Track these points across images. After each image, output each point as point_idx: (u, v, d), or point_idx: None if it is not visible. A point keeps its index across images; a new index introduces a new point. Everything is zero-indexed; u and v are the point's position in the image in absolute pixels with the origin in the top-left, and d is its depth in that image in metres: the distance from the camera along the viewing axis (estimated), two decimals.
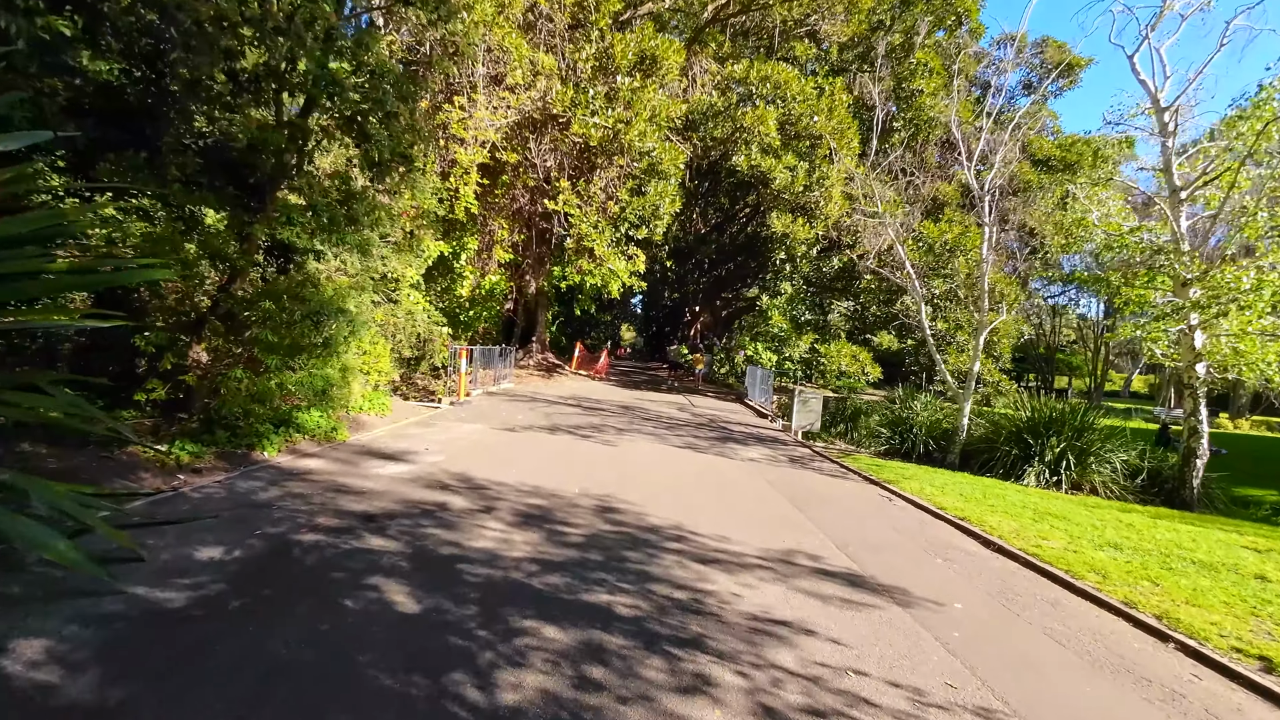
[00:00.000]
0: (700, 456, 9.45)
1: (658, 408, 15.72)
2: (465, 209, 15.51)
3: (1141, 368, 48.47)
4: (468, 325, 17.06)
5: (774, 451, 10.73)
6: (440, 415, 11.57)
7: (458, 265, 16.12)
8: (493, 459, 7.78)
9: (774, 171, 16.71)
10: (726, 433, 12.52)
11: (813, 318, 20.91)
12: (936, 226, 17.64)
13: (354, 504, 5.25)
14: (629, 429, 11.65)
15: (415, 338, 14.44)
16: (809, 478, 8.54)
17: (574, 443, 9.60)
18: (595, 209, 15.24)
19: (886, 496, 7.61)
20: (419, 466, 6.99)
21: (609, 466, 7.97)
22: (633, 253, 16.55)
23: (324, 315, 6.80)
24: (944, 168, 23.24)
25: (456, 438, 9.20)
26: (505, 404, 13.86)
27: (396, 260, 13.26)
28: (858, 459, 10.43)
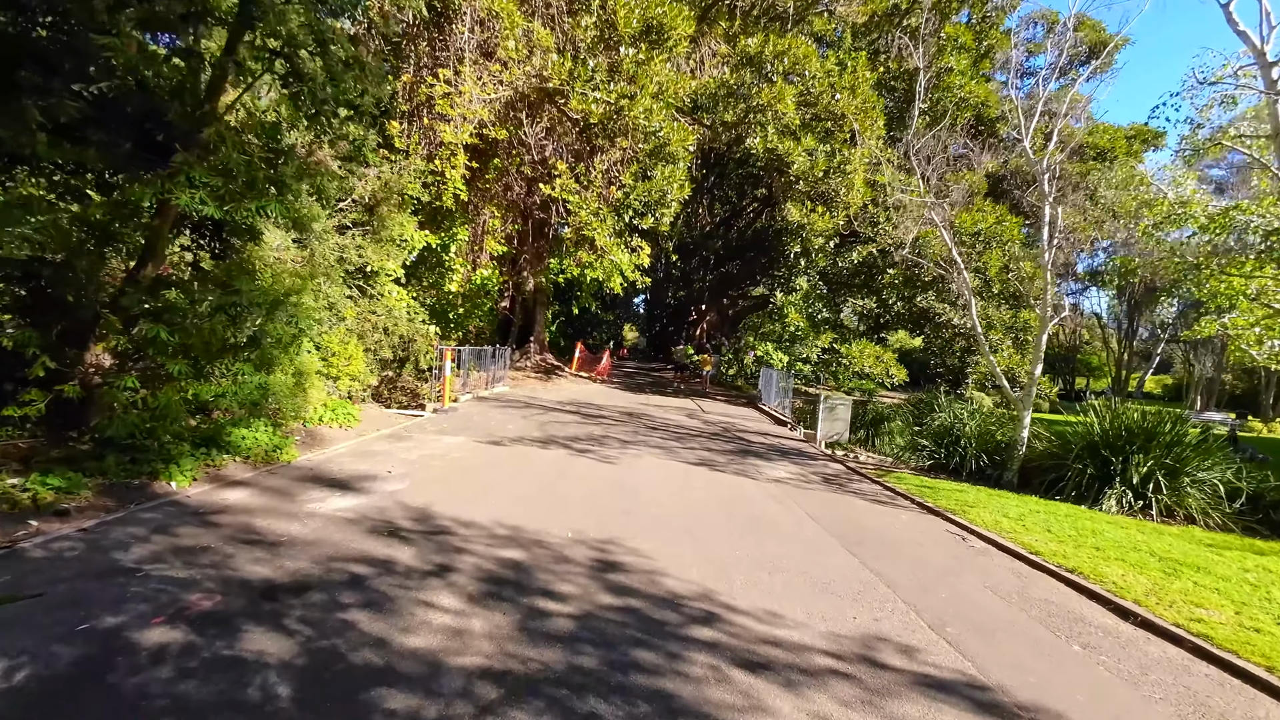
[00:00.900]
0: (719, 477, 7.97)
1: (664, 414, 14.26)
2: (453, 195, 14.07)
3: (1154, 368, 46.77)
4: (458, 324, 15.62)
5: (802, 468, 9.25)
6: (419, 425, 10.12)
7: (446, 258, 14.68)
8: (468, 485, 6.32)
9: (792, 155, 15.22)
10: (744, 444, 11.05)
11: (829, 315, 19.39)
12: (969, 215, 16.12)
13: (259, 565, 3.80)
14: (633, 441, 10.19)
15: (398, 338, 13.02)
16: (855, 506, 7.05)
17: (569, 460, 8.14)
18: (596, 195, 13.78)
19: (958, 534, 6.12)
20: (371, 498, 5.53)
21: (611, 493, 6.50)
22: (637, 244, 15.07)
23: (245, 308, 5.34)
24: (972, 154, 21.70)
25: (431, 455, 7.74)
26: (496, 411, 12.40)
27: (373, 250, 11.83)
28: (902, 478, 8.95)
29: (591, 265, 14.31)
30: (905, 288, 18.17)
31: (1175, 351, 45.88)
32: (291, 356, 7.81)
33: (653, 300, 47.09)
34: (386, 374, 13.39)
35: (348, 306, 10.78)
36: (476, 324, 21.80)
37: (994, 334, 16.96)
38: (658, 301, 45.65)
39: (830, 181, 16.09)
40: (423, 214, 14.95)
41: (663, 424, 12.60)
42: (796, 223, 16.37)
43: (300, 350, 8.09)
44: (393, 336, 12.63)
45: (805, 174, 15.85)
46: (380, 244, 12.45)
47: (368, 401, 11.97)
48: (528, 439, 9.58)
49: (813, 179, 16.00)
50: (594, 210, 13.63)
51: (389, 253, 12.11)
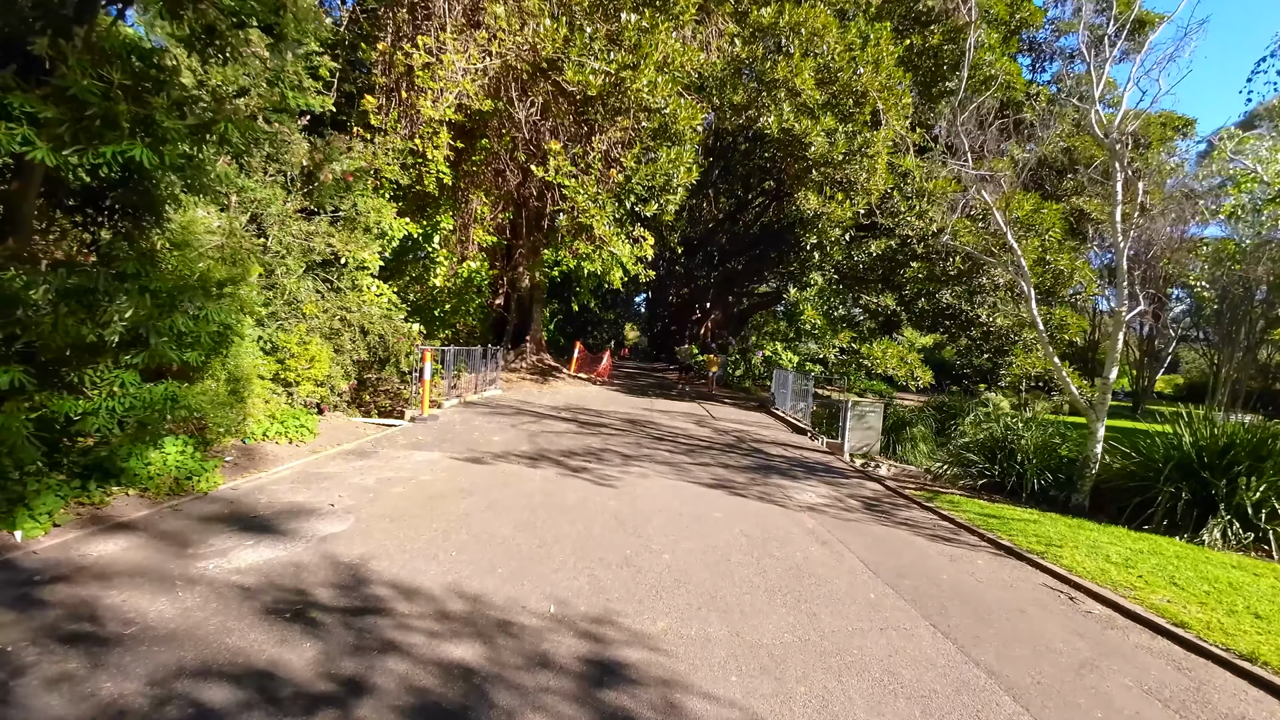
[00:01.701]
0: (741, 504, 6.60)
1: (670, 421, 12.89)
2: (436, 179, 12.71)
3: (1165, 367, 45.27)
4: (443, 321, 14.27)
5: (835, 489, 7.87)
6: (390, 438, 8.77)
7: (429, 249, 13.33)
8: (428, 523, 4.96)
9: (810, 135, 13.83)
10: (763, 458, 9.67)
11: (845, 312, 18.01)
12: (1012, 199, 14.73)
13: (53, 693, 2.44)
14: (637, 455, 8.83)
15: (376, 337, 11.68)
16: (914, 546, 5.67)
17: (561, 483, 6.77)
18: (594, 179, 12.41)
19: (1061, 591, 4.74)
20: (293, 548, 4.18)
21: (609, 532, 5.14)
22: (639, 234, 13.70)
23: (104, 295, 3.96)
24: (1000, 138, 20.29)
25: (393, 478, 6.38)
26: (482, 418, 11.04)
27: (341, 238, 10.48)
28: (955, 502, 7.57)
29: (589, 257, 12.95)
30: (929, 283, 16.77)
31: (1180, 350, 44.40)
32: (224, 360, 6.45)
33: (654, 298, 45.75)
34: (369, 377, 12.09)
35: (309, 302, 9.42)
36: (468, 322, 20.54)
37: (1029, 332, 15.57)
38: (660, 299, 44.30)
39: (850, 166, 14.69)
40: (404, 201, 13.61)
41: (669, 433, 11.23)
42: (813, 211, 14.98)
43: (238, 352, 6.73)
44: (370, 336, 11.31)
45: (824, 157, 14.46)
46: (354, 232, 11.11)
47: (340, 409, 10.64)
48: (514, 454, 8.22)
49: (832, 163, 14.61)
50: (592, 195, 12.27)
51: (362, 241, 10.75)
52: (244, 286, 6.82)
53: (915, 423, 17.24)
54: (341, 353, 10.61)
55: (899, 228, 17.24)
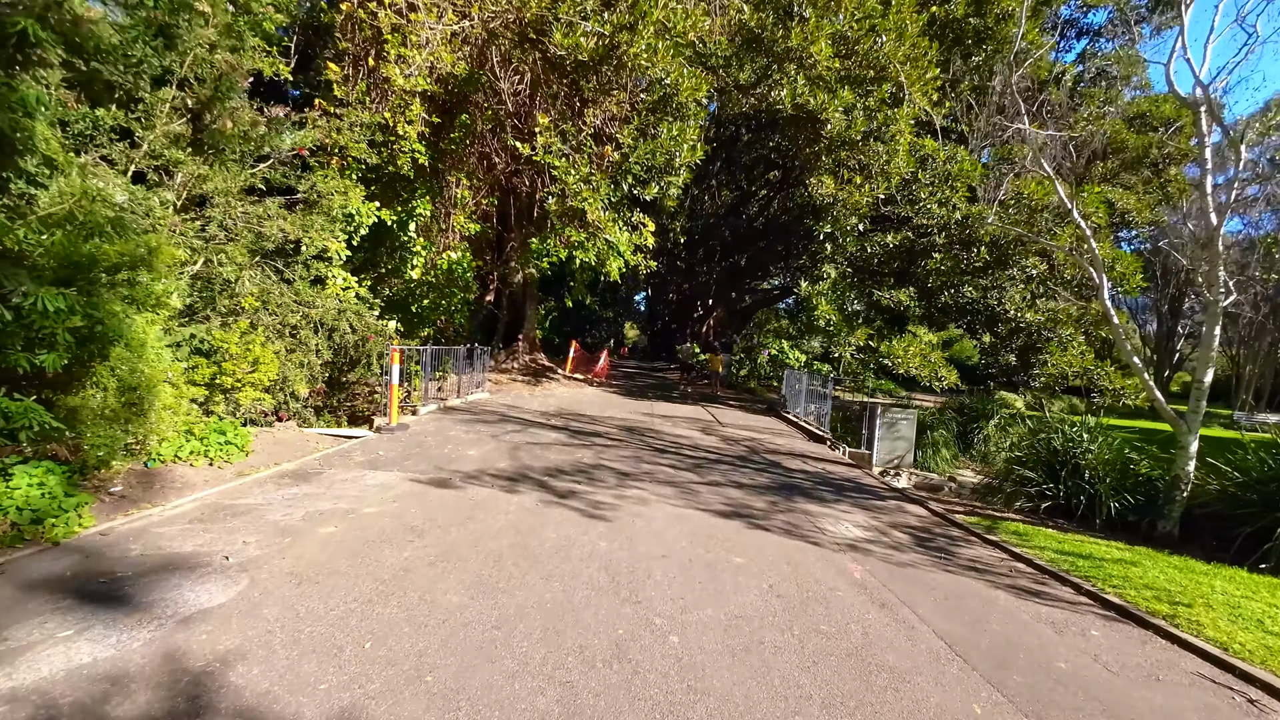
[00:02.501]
0: (766, 543, 5.27)
1: (673, 428, 11.56)
2: (410, 158, 11.38)
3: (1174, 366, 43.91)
4: (422, 318, 12.93)
5: (873, 516, 6.55)
6: (344, 454, 7.44)
7: (404, 237, 11.98)
8: (344, 592, 3.62)
9: (827, 112, 12.49)
10: (782, 474, 8.34)
11: (861, 307, 16.68)
12: (1038, 186, 13.39)
13: None
14: (635, 473, 7.50)
15: (346, 334, 10.40)
16: (1001, 609, 4.34)
17: (539, 515, 5.44)
18: (586, 158, 11.07)
19: (1234, 690, 3.41)
20: (127, 644, 2.86)
21: (598, 595, 3.82)
22: (638, 220, 12.36)
23: None
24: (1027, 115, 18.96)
25: (324, 514, 5.05)
26: (461, 427, 9.71)
27: (296, 223, 9.14)
28: (1021, 533, 6.24)
29: (582, 245, 11.60)
30: (952, 275, 15.43)
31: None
32: (113, 364, 5.12)
33: (654, 296, 44.42)
34: (344, 379, 10.80)
35: (250, 295, 8.08)
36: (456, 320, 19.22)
37: (1064, 329, 14.23)
38: (660, 296, 42.98)
39: (869, 147, 13.35)
40: (377, 185, 12.27)
41: (672, 443, 9.90)
42: (829, 197, 13.63)
43: (137, 355, 5.39)
44: (338, 334, 10.01)
45: (841, 137, 13.12)
46: (315, 216, 9.79)
47: (305, 417, 9.35)
48: (489, 473, 6.89)
49: (849, 143, 13.27)
50: (584, 176, 10.92)
51: (319, 224, 9.41)
52: (143, 273, 5.49)
53: (935, 427, 15.92)
54: (301, 353, 9.31)
55: (918, 216, 15.89)
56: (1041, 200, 13.06)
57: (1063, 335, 14.19)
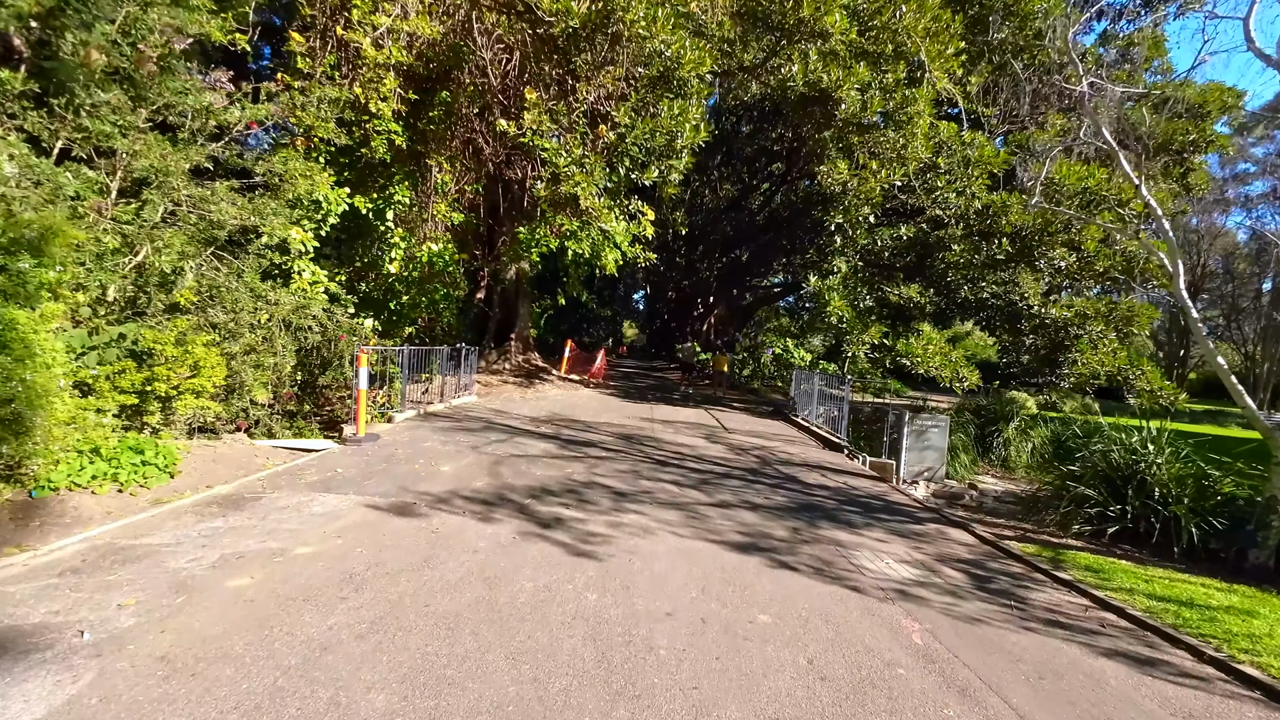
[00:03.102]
0: (796, 589, 4.26)
1: (675, 435, 10.55)
2: (386, 141, 10.35)
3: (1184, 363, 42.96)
4: (402, 316, 11.89)
5: (913, 545, 5.54)
6: (296, 472, 6.42)
7: (381, 227, 10.95)
8: (225, 690, 2.59)
9: (841, 90, 11.46)
10: (801, 490, 7.33)
11: (873, 303, 15.68)
12: (1072, 168, 12.38)
13: None
14: (633, 491, 6.48)
15: (315, 334, 9.43)
16: (1114, 694, 3.33)
17: (515, 555, 4.42)
18: (579, 138, 10.05)
19: None
20: None
21: (577, 693, 2.81)
22: (636, 208, 11.33)
23: None
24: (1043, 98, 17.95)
25: (243, 558, 4.02)
26: (439, 436, 8.69)
27: (243, 207, 8.11)
28: (1098, 570, 5.23)
29: (575, 235, 10.57)
30: (973, 269, 14.43)
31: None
32: None
33: (653, 293, 43.42)
34: (317, 383, 9.82)
35: (187, 289, 7.06)
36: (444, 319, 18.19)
37: (1095, 324, 13.23)
38: (659, 294, 41.97)
39: (887, 129, 12.34)
40: (351, 170, 11.24)
41: (674, 453, 8.88)
42: (841, 184, 12.61)
43: (24, 356, 4.36)
44: (304, 334, 9.03)
45: (855, 118, 12.10)
46: (273, 201, 8.77)
47: (266, 426, 8.37)
48: (462, 496, 5.87)
49: (865, 125, 12.25)
50: (576, 159, 9.89)
51: (273, 209, 8.38)
52: (25, 259, 4.46)
53: (952, 430, 14.94)
54: (260, 355, 8.30)
55: (933, 206, 14.88)
56: (1076, 185, 12.05)
57: (1092, 332, 13.18)
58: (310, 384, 9.83)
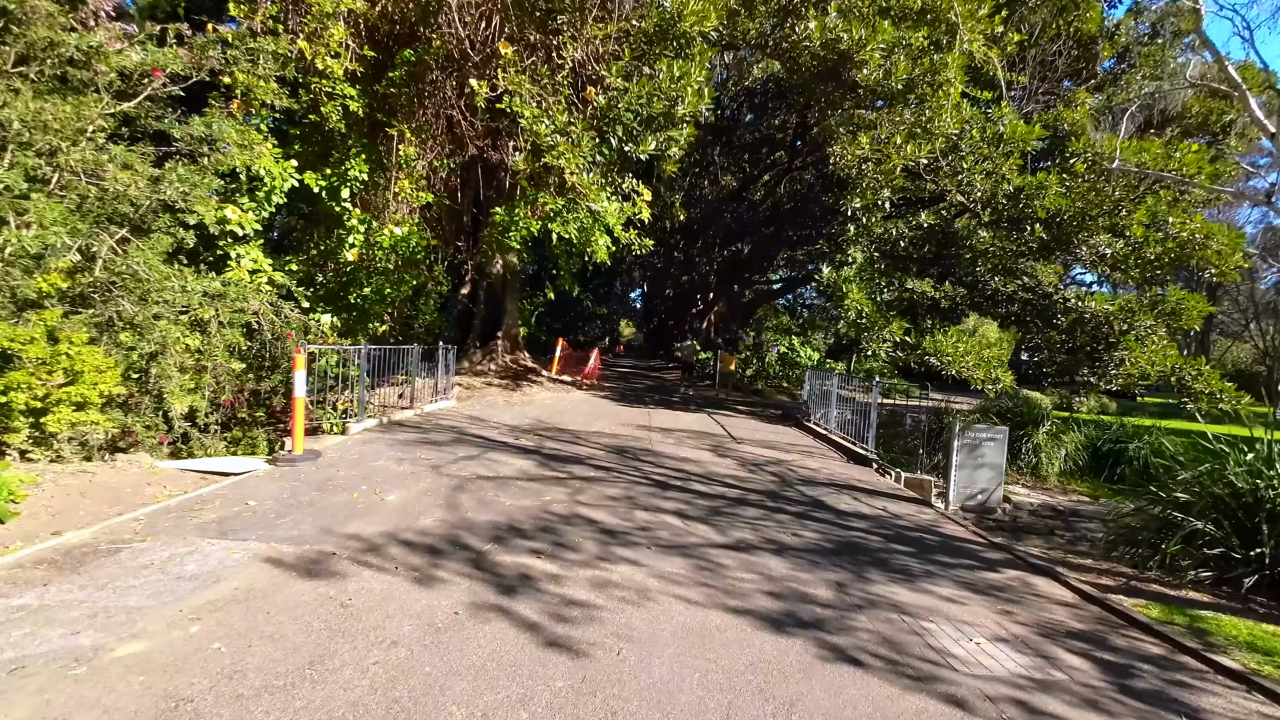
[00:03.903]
0: (860, 698, 2.87)
1: (676, 446, 9.16)
2: (341, 107, 8.92)
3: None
4: (365, 311, 10.44)
5: (1002, 609, 4.15)
6: (195, 506, 4.99)
7: (336, 208, 9.51)
8: None
9: (863, 52, 10.07)
10: (834, 520, 5.94)
11: (891, 297, 14.32)
12: (1125, 142, 10.99)
13: None
14: (628, 531, 5.08)
15: (255, 330, 8.09)
16: None
17: (455, 648, 3.00)
18: (563, 103, 8.62)
19: None
20: None
21: None
22: (631, 187, 9.92)
23: None
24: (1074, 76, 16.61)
25: (35, 664, 2.60)
26: (397, 452, 7.26)
27: (145, 175, 6.67)
28: (1262, 648, 3.86)
29: (560, 216, 9.15)
30: (1003, 258, 13.06)
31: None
32: None
33: (651, 290, 42.01)
34: (260, 389, 8.44)
35: (53, 273, 5.63)
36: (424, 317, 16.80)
37: (1143, 318, 11.87)
38: (656, 291, 40.56)
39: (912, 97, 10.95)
40: (303, 143, 9.80)
41: (677, 471, 7.48)
42: (861, 161, 11.22)
43: None
44: (235, 331, 7.68)
45: (878, 86, 10.71)
46: (194, 172, 7.35)
47: (199, 442, 7.03)
48: (403, 540, 4.46)
49: (889, 94, 10.86)
50: (560, 126, 8.46)
51: (193, 182, 6.95)
52: None
53: None
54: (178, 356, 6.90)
55: (956, 190, 13.49)
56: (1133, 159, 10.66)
57: (1139, 327, 11.83)
58: (259, 390, 8.44)
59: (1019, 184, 12.70)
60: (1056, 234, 12.59)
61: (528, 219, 9.21)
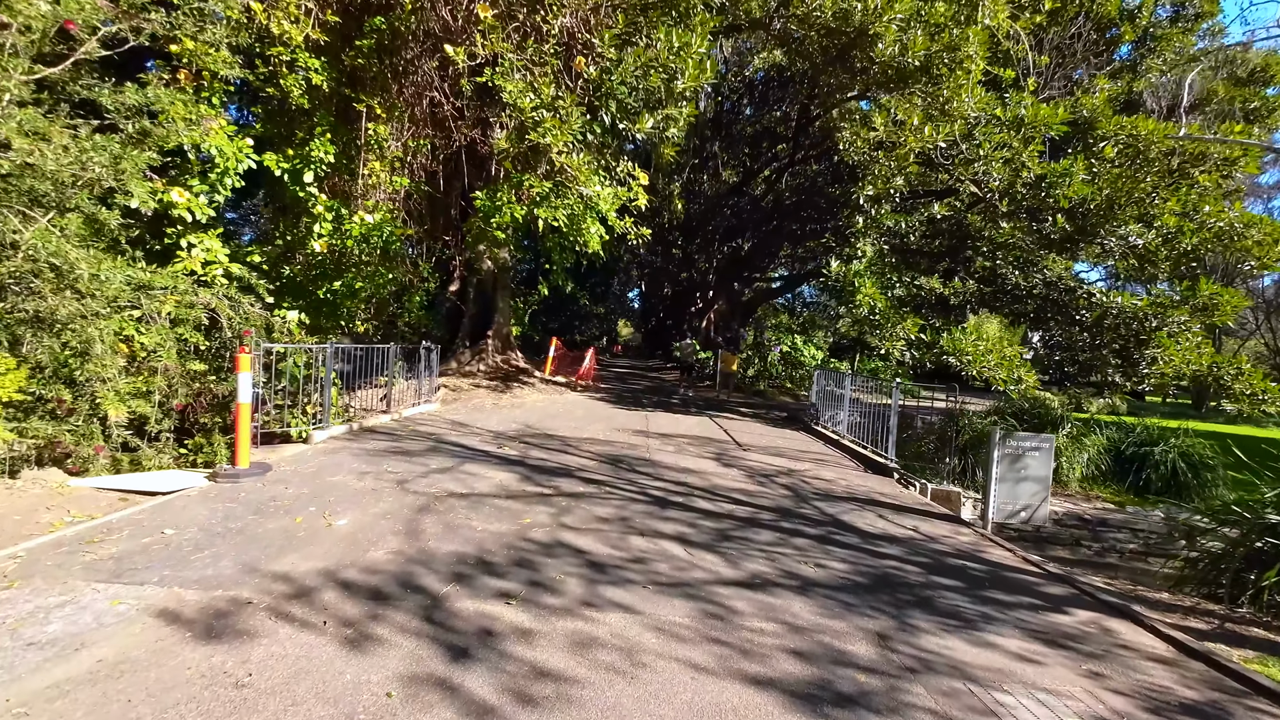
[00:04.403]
0: None
1: (676, 454, 8.31)
2: (304, 80, 8.06)
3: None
4: (335, 307, 9.56)
5: (1095, 675, 3.31)
6: (101, 534, 4.13)
7: (300, 193, 8.63)
8: None
9: (879, 23, 9.24)
10: (865, 549, 5.09)
11: (904, 293, 13.49)
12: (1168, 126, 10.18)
13: None
14: (620, 564, 4.22)
15: (207, 327, 7.27)
16: None
17: None
18: (550, 75, 7.77)
19: None
20: None
21: None
22: (626, 170, 9.07)
23: None
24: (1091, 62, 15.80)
25: None
26: (360, 464, 6.38)
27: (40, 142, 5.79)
28: None
29: (547, 200, 8.28)
30: (1023, 251, 12.24)
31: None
32: None
33: (649, 289, 41.19)
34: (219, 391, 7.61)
35: None
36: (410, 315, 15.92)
37: (1177, 313, 11.07)
38: (654, 290, 39.74)
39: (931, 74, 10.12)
40: (265, 123, 8.94)
41: (677, 484, 6.63)
42: (877, 144, 10.39)
43: None
44: (216, 331, 6.89)
45: (894, 63, 9.88)
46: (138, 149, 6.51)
47: (152, 448, 6.21)
48: (341, 583, 3.60)
49: (906, 71, 10.04)
50: (547, 100, 7.60)
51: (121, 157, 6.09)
52: None
53: None
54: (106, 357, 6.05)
55: (969, 180, 12.67)
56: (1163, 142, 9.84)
57: (1172, 322, 11.01)
58: (220, 393, 7.59)
59: (1040, 171, 11.87)
60: (1081, 225, 11.76)
61: (512, 204, 8.35)
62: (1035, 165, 11.92)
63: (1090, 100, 13.98)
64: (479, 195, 8.71)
